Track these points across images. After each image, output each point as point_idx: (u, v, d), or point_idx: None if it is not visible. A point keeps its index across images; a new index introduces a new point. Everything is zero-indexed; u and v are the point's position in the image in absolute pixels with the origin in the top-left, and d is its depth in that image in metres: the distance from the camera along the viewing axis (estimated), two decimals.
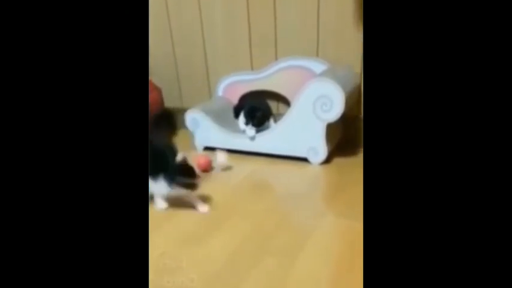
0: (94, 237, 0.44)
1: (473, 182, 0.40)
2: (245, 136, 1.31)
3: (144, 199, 0.48)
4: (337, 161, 1.25)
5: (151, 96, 1.41)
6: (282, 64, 1.37)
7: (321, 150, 1.20)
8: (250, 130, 1.29)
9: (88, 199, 0.44)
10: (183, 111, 1.39)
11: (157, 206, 1.00)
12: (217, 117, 1.36)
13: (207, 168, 1.22)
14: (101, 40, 0.45)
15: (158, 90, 1.50)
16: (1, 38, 0.42)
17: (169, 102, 1.58)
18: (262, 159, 1.29)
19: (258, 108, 1.31)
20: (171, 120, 1.62)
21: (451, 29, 0.41)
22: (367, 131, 0.46)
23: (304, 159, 1.24)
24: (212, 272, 0.75)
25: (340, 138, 1.34)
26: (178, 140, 1.53)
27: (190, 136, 1.40)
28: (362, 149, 1.32)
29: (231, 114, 1.43)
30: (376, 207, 0.43)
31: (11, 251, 0.42)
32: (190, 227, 0.92)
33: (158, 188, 0.95)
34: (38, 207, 0.43)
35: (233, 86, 1.48)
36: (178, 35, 1.52)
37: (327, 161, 1.22)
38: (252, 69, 1.45)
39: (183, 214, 0.98)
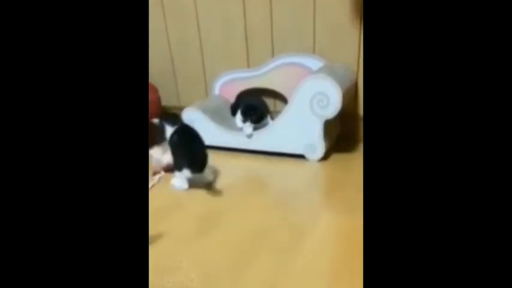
0: (94, 238, 0.44)
1: (475, 175, 0.40)
2: (242, 134, 1.30)
3: (144, 199, 0.47)
4: (335, 157, 1.25)
5: (149, 96, 1.40)
6: (279, 61, 1.37)
7: (318, 147, 1.21)
8: (248, 128, 1.29)
9: (88, 199, 0.44)
10: (180, 109, 1.39)
11: (182, 187, 1.11)
12: (215, 115, 1.36)
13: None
14: (102, 41, 0.45)
15: (155, 90, 1.50)
16: (1, 38, 0.42)
17: (166, 101, 1.57)
18: (259, 157, 1.29)
19: (254, 106, 1.31)
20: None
21: (451, 27, 0.41)
22: (367, 127, 0.46)
23: (302, 157, 1.24)
24: (212, 271, 0.75)
25: (338, 135, 1.34)
26: None
27: None
28: (360, 145, 1.32)
29: (228, 112, 1.43)
30: (376, 203, 0.43)
31: (11, 251, 0.42)
32: (188, 226, 0.92)
33: (186, 173, 1.08)
34: (38, 208, 0.43)
35: (230, 84, 1.47)
36: (175, 34, 1.51)
37: (325, 157, 1.23)
38: (249, 66, 1.45)
39: (181, 214, 0.98)
